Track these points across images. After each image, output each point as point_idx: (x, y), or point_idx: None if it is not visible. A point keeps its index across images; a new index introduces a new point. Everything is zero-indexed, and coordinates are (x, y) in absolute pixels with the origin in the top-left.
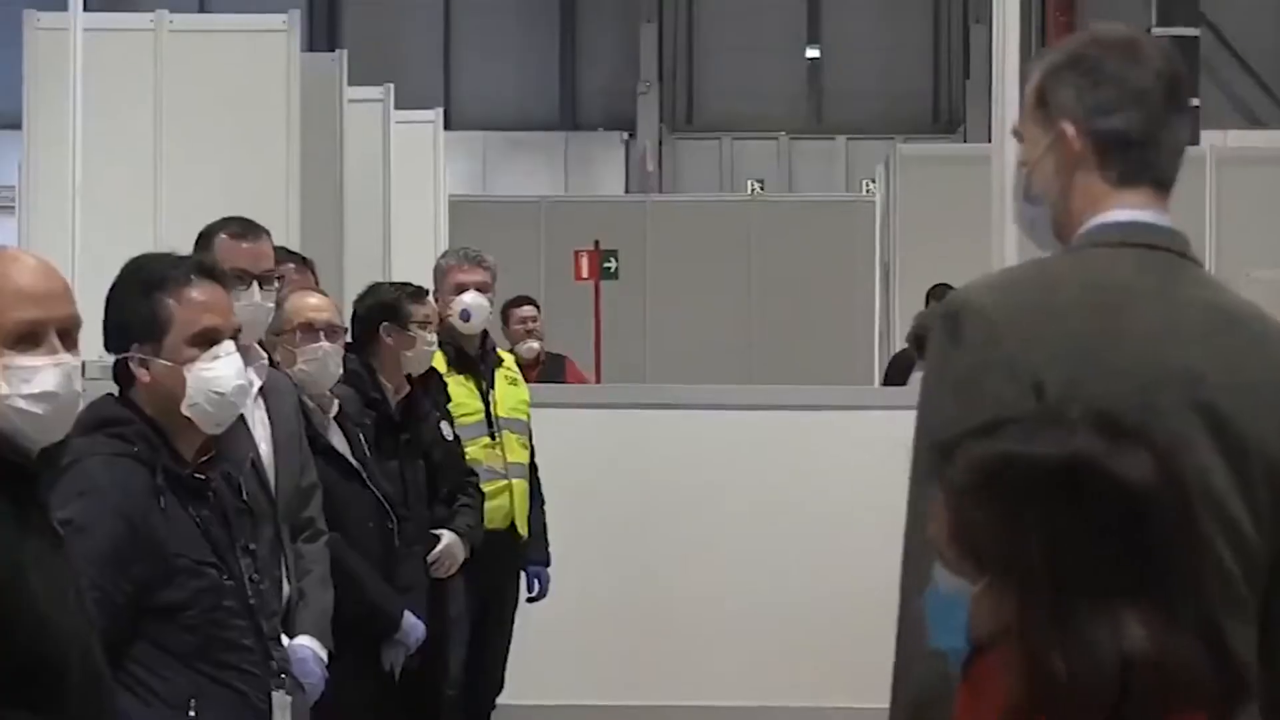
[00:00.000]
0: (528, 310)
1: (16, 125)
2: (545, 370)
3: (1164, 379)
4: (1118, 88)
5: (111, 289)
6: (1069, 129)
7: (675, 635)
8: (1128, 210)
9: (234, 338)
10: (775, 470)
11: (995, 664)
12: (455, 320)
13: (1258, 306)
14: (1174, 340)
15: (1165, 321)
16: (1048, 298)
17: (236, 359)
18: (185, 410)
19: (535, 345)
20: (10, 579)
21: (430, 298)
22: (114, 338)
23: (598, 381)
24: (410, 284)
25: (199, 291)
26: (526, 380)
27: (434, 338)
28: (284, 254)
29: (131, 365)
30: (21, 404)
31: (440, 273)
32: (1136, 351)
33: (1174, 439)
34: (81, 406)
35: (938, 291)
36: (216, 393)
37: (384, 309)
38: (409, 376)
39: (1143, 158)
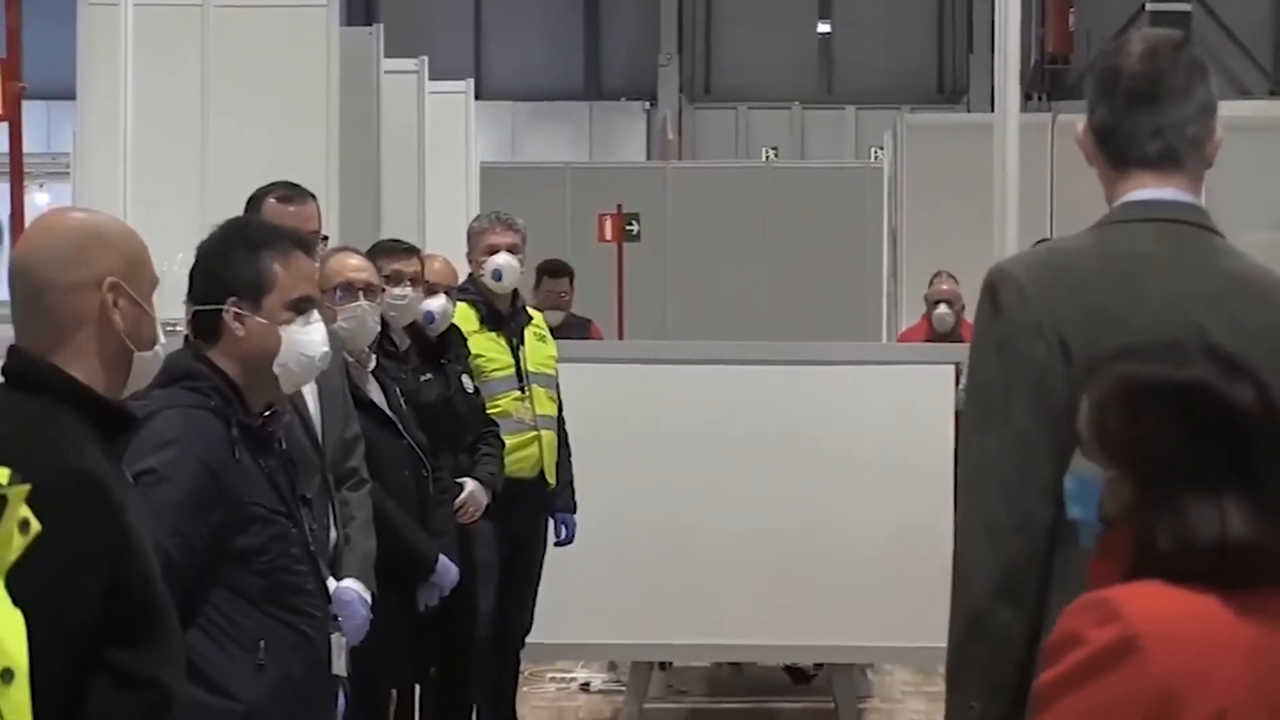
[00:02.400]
0: (563, 284)
1: (71, 96)
2: (569, 334)
3: (1176, 335)
4: (1098, 85)
5: (211, 244)
6: (1079, 126)
7: (694, 577)
8: (1146, 190)
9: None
10: (787, 420)
11: (1120, 538)
12: (488, 280)
13: (1270, 271)
14: (1185, 301)
15: (1177, 285)
16: (1073, 268)
17: (323, 328)
18: (275, 368)
19: (560, 313)
20: (130, 528)
21: (415, 257)
22: (207, 288)
23: (620, 338)
24: (390, 240)
25: (301, 261)
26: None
27: (406, 293)
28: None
29: (226, 317)
30: (148, 355)
31: (473, 235)
32: (1151, 312)
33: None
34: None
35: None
36: (306, 356)
37: None
38: (424, 332)
39: (1134, 146)
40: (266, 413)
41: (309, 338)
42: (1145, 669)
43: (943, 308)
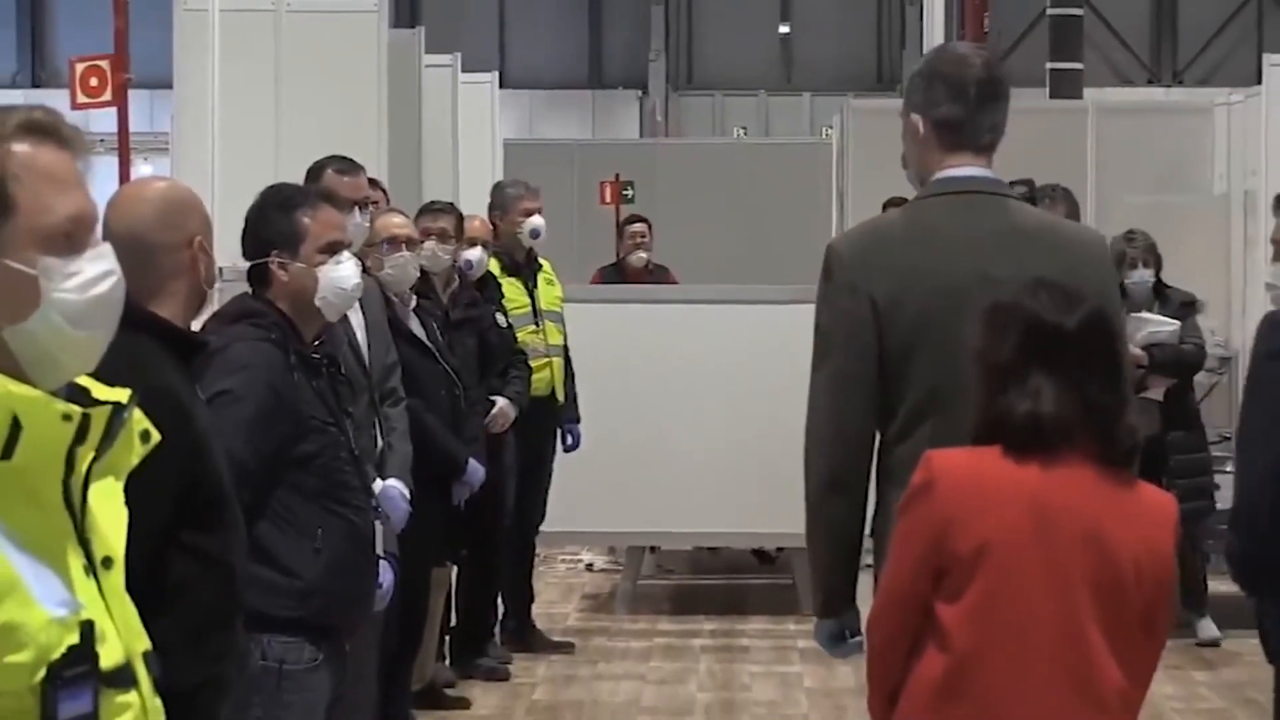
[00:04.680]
0: (639, 226)
1: (168, 86)
2: (653, 277)
3: (964, 283)
4: (946, 88)
5: (253, 209)
6: (917, 118)
7: (678, 478)
8: (953, 169)
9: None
10: (752, 350)
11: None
12: (525, 237)
13: (1055, 224)
14: (970, 251)
15: (973, 242)
16: (883, 237)
17: (353, 263)
18: (316, 302)
19: (644, 255)
20: (202, 434)
21: (448, 215)
22: (254, 246)
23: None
24: (432, 201)
25: (326, 212)
26: (639, 283)
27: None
28: (369, 182)
29: (272, 268)
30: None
31: (511, 200)
32: (941, 269)
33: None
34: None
35: (894, 201)
36: (340, 289)
37: None
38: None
39: (963, 133)
40: (316, 342)
41: (341, 274)
42: (933, 504)
43: None
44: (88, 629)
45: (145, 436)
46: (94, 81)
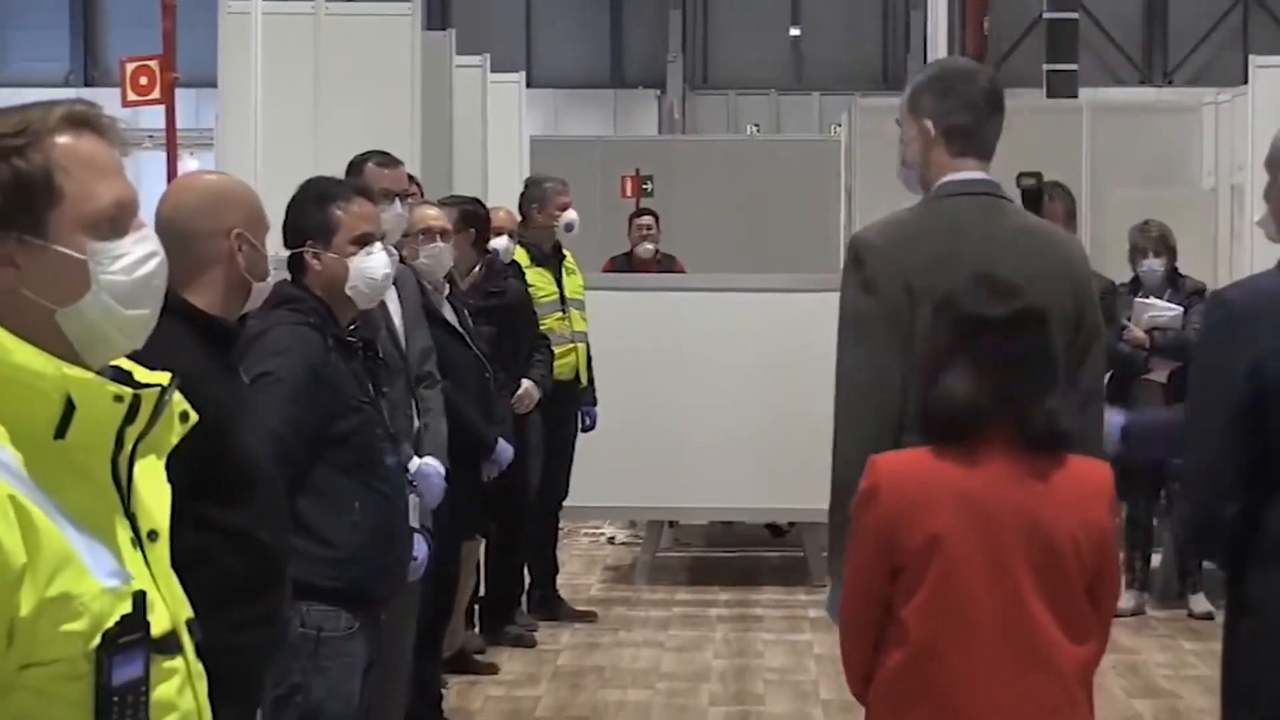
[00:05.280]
0: (646, 219)
1: (214, 84)
2: (661, 266)
3: (984, 272)
4: (958, 99)
5: (291, 202)
6: (928, 123)
7: (696, 456)
8: (962, 173)
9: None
10: (765, 335)
11: None
12: (560, 230)
13: (1047, 225)
14: (991, 251)
15: (984, 240)
16: (910, 230)
17: (384, 255)
18: (347, 291)
19: (651, 246)
20: (228, 416)
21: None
22: (292, 237)
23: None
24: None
25: (359, 205)
26: (647, 272)
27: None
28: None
29: (306, 257)
30: (262, 286)
31: (548, 195)
32: (967, 261)
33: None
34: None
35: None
36: (370, 278)
37: None
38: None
39: (971, 140)
40: (351, 326)
41: (371, 264)
42: (880, 507)
43: None
44: (139, 599)
45: (184, 417)
46: (143, 80)
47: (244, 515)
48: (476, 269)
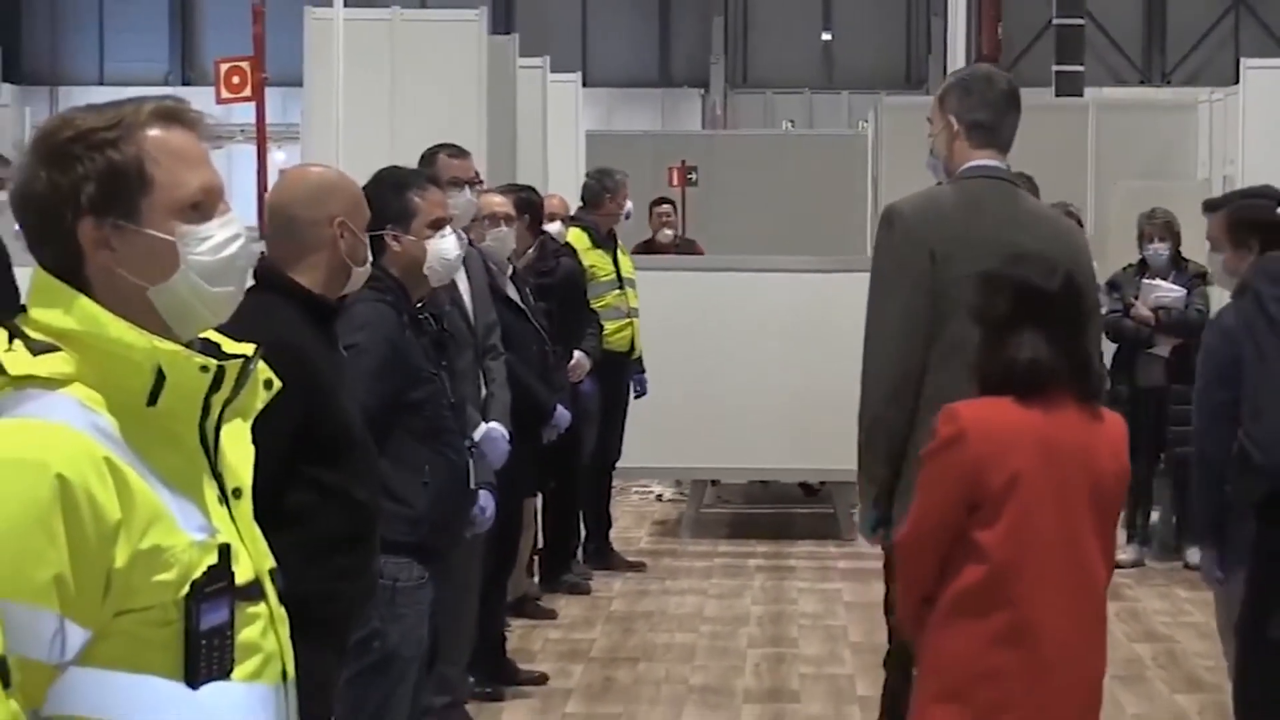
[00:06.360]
0: (665, 207)
1: (299, 83)
2: (680, 249)
3: (1004, 248)
4: (979, 98)
5: (369, 188)
6: (953, 119)
7: (736, 421)
8: (983, 161)
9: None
10: (799, 310)
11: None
12: (623, 218)
13: (1053, 212)
14: (1006, 227)
15: (1001, 217)
16: (937, 204)
17: (454, 238)
18: (425, 271)
19: (670, 233)
20: (329, 386)
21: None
22: (372, 221)
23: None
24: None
25: (433, 193)
26: (666, 254)
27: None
28: None
29: (387, 239)
30: (363, 270)
31: (619, 185)
32: (986, 234)
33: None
34: None
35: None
36: (444, 259)
37: None
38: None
39: (990, 134)
40: (418, 303)
41: (444, 246)
42: (966, 450)
43: None
44: (225, 551)
45: (268, 384)
46: (236, 80)
47: (343, 475)
48: (530, 250)
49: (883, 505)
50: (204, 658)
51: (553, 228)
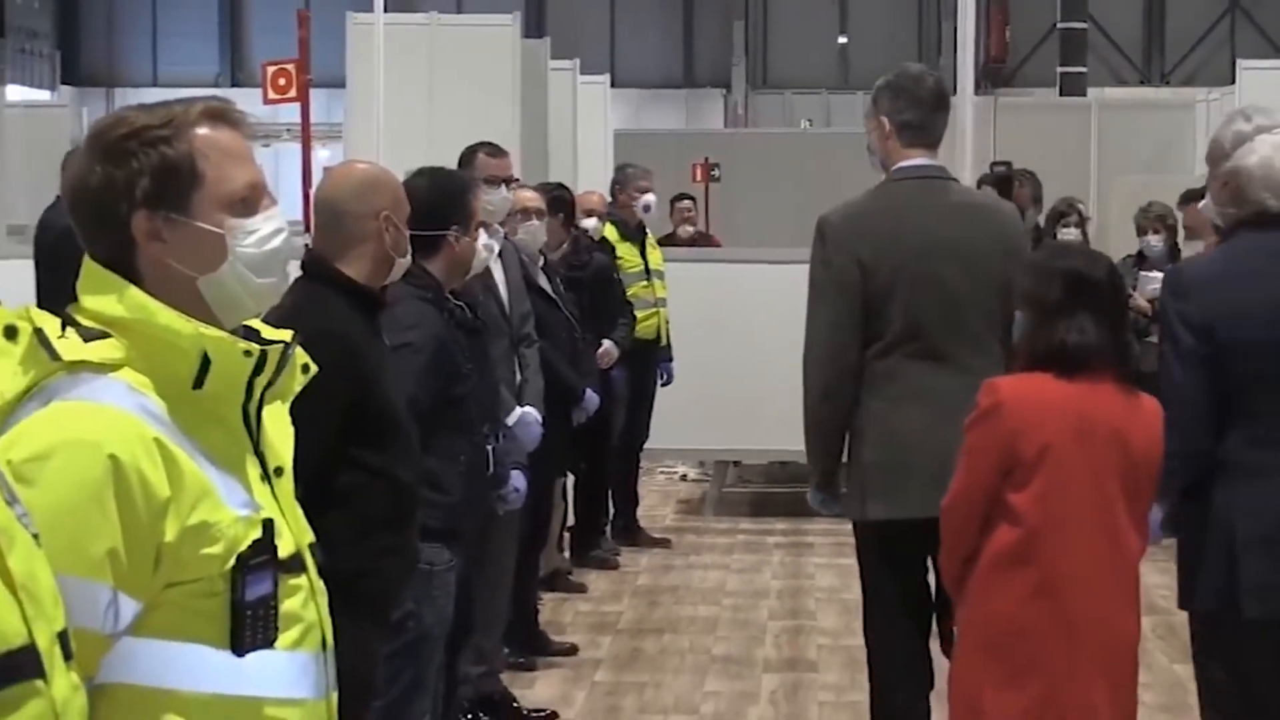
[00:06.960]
0: (686, 203)
1: (342, 85)
2: (698, 244)
3: (931, 246)
4: (908, 98)
5: (433, 189)
6: (885, 120)
7: (757, 405)
8: (911, 160)
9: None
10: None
11: (1020, 352)
12: (638, 209)
13: (987, 200)
14: (934, 224)
15: (928, 215)
16: (864, 211)
17: (485, 236)
18: (472, 269)
19: (690, 229)
20: (375, 372)
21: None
22: (429, 219)
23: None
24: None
25: (480, 196)
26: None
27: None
28: None
29: (449, 239)
30: (404, 261)
31: (630, 179)
32: (912, 234)
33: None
34: None
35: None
36: (484, 258)
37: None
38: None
39: (919, 133)
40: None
41: (487, 243)
42: (1003, 420)
43: None
44: (268, 526)
45: (305, 369)
46: (282, 81)
47: (387, 457)
48: (564, 245)
49: (828, 485)
50: (249, 627)
51: (589, 223)
